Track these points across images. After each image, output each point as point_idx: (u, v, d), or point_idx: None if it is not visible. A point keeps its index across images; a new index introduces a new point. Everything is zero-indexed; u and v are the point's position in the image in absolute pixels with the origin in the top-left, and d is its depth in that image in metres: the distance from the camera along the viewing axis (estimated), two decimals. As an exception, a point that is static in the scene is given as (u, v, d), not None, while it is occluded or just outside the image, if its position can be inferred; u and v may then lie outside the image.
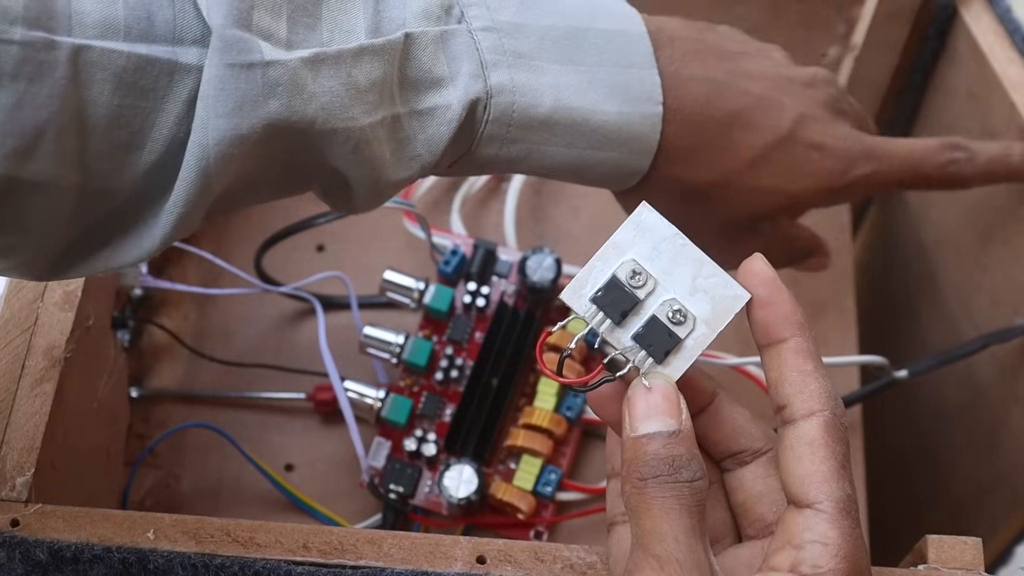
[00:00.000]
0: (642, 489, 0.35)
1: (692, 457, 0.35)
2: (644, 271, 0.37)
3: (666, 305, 0.37)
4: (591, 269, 0.37)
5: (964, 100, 0.60)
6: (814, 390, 0.36)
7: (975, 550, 0.42)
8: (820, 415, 0.36)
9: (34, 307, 0.47)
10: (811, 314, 0.64)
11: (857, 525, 0.35)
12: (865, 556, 0.35)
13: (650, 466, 0.35)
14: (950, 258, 0.65)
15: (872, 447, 0.61)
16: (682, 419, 0.36)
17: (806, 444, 0.36)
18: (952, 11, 0.60)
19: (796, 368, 0.36)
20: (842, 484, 0.35)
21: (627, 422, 0.36)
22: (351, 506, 0.57)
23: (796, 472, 0.36)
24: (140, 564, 0.40)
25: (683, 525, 0.34)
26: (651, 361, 0.37)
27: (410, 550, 0.41)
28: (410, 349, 0.57)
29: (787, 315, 0.37)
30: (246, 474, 0.57)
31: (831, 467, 0.35)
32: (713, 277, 0.37)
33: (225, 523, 0.41)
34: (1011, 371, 0.60)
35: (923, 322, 0.69)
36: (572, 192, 0.68)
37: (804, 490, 0.35)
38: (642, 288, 0.37)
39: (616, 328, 0.37)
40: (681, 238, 0.37)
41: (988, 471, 0.64)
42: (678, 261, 0.37)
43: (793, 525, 0.35)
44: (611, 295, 0.37)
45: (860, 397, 0.59)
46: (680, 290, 0.37)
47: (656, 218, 0.37)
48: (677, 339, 0.37)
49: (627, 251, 0.37)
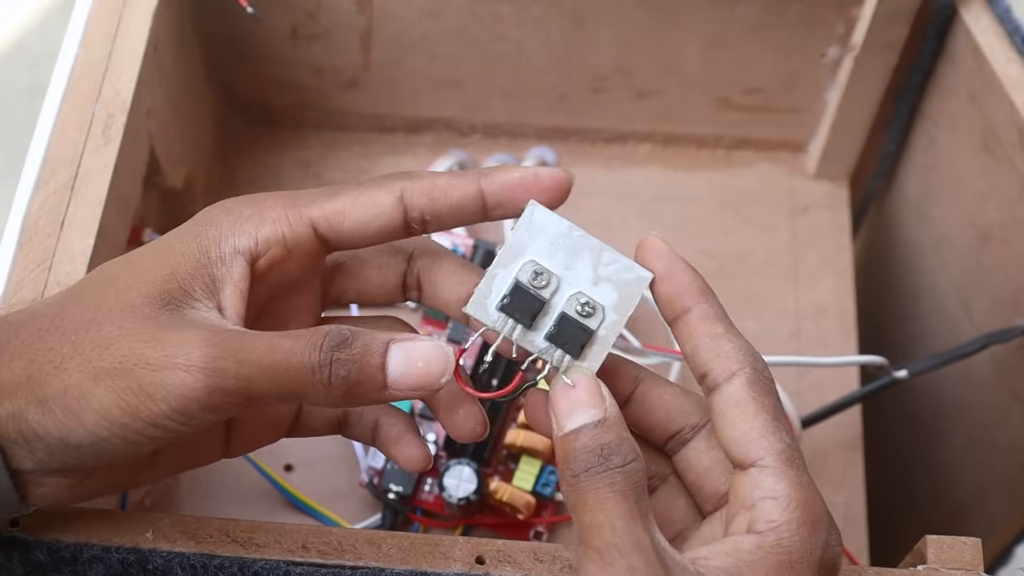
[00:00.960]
0: (576, 485, 0.35)
1: (621, 441, 0.35)
2: (545, 270, 0.37)
3: (573, 300, 0.37)
4: (492, 277, 0.37)
5: (964, 100, 0.60)
6: (729, 351, 0.36)
7: (974, 550, 0.42)
8: (741, 374, 0.36)
9: (33, 307, 0.47)
10: (811, 314, 0.64)
11: (803, 472, 0.36)
12: (818, 500, 0.36)
13: (580, 460, 0.35)
14: (950, 258, 0.65)
15: (872, 447, 0.61)
16: (606, 406, 0.36)
17: (734, 405, 0.36)
18: (952, 11, 0.60)
19: (707, 334, 0.37)
20: (779, 435, 0.36)
21: (553, 423, 0.36)
22: (350, 506, 0.57)
23: (732, 435, 0.36)
24: (139, 564, 0.40)
25: (619, 511, 0.34)
26: (568, 358, 0.37)
27: (409, 550, 0.41)
28: (410, 349, 0.57)
29: (688, 284, 0.37)
30: (245, 474, 0.57)
31: (764, 421, 0.36)
32: (614, 263, 0.37)
33: (224, 523, 0.41)
34: (1011, 371, 0.60)
35: (923, 322, 0.69)
36: (573, 191, 0.67)
37: (744, 451, 0.36)
38: (547, 288, 0.37)
39: (529, 332, 0.37)
40: (576, 230, 0.37)
41: (988, 471, 0.64)
42: (577, 254, 0.37)
43: (742, 488, 0.36)
44: (517, 300, 0.37)
45: (860, 397, 0.59)
46: (584, 282, 0.37)
47: (547, 215, 0.37)
48: (590, 331, 0.37)
49: (524, 253, 0.37)
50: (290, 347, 0.35)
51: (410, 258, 0.41)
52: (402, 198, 0.38)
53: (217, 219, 0.38)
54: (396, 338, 0.36)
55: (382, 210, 0.38)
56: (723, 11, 0.61)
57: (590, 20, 0.62)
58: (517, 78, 0.65)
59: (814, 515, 0.35)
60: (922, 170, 0.67)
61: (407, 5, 0.61)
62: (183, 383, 0.34)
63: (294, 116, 0.68)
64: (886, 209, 0.72)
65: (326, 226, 0.38)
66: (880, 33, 0.60)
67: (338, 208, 0.38)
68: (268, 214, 0.38)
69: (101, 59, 0.53)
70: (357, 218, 0.38)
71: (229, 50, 0.64)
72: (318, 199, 0.38)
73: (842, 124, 0.65)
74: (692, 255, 0.65)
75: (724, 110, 0.67)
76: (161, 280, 0.37)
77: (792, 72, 0.64)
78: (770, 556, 0.34)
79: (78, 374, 0.35)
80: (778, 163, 0.69)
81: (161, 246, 0.38)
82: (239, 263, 0.37)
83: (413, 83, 0.66)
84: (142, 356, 0.35)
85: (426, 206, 0.38)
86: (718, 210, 0.67)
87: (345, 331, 0.36)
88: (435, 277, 0.41)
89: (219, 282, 0.37)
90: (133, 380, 0.35)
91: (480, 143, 0.69)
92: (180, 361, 0.34)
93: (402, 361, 0.36)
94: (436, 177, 0.38)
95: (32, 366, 0.36)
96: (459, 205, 0.38)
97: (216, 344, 0.35)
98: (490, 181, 0.38)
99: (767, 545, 0.34)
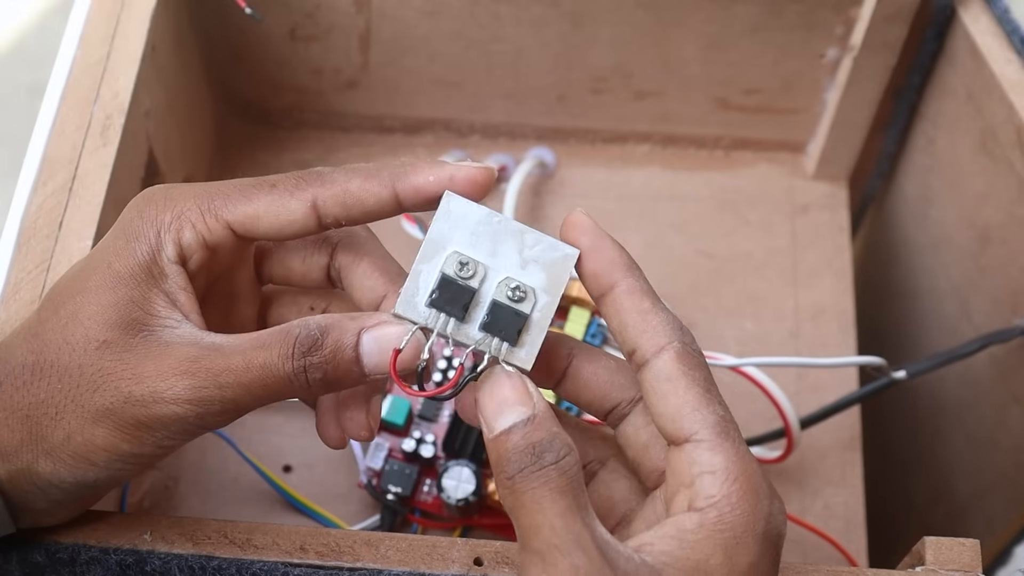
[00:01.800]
0: (511, 487, 0.34)
1: (553, 437, 0.35)
2: (471, 259, 0.36)
3: (503, 286, 0.36)
4: (417, 274, 0.37)
5: (962, 101, 0.60)
6: (656, 325, 0.36)
7: (973, 552, 0.42)
8: (669, 348, 0.36)
9: (32, 309, 0.47)
10: (810, 315, 0.64)
11: (740, 443, 0.35)
12: (756, 471, 0.35)
13: (513, 462, 0.34)
14: (950, 258, 0.65)
15: (872, 447, 0.61)
16: (534, 403, 0.35)
17: (665, 380, 0.35)
18: (950, 12, 0.60)
19: (634, 309, 0.36)
20: (712, 407, 0.35)
21: (484, 426, 0.36)
22: (349, 507, 0.57)
23: (665, 411, 0.35)
24: (137, 566, 0.40)
25: (557, 509, 0.34)
26: (507, 345, 0.36)
27: (407, 552, 0.41)
28: (408, 350, 0.57)
29: (613, 260, 0.37)
30: (244, 475, 0.57)
31: (696, 395, 0.35)
32: (538, 244, 0.37)
33: (222, 524, 0.41)
34: (1011, 371, 0.60)
35: (922, 322, 0.69)
36: (571, 192, 0.68)
37: (678, 426, 0.35)
38: (474, 277, 0.36)
39: (463, 324, 0.36)
40: (495, 216, 0.37)
41: (988, 471, 0.64)
42: (499, 239, 0.37)
43: (678, 464, 0.35)
44: (446, 293, 0.36)
45: (859, 397, 0.59)
46: (511, 267, 0.37)
47: (464, 204, 0.37)
48: (524, 316, 0.36)
49: (447, 245, 0.37)
50: (264, 361, 0.36)
51: (334, 251, 0.42)
52: (315, 206, 0.38)
53: (143, 231, 0.39)
54: (366, 325, 0.36)
55: (294, 218, 0.38)
56: (722, 12, 0.61)
57: (589, 21, 0.62)
58: (516, 79, 0.65)
59: (753, 485, 0.34)
60: (921, 170, 0.67)
61: (406, 6, 0.61)
62: (174, 414, 0.36)
63: (293, 117, 0.68)
64: (885, 209, 0.72)
65: (242, 228, 0.39)
66: (879, 34, 0.60)
67: (251, 213, 0.39)
68: (186, 217, 0.39)
69: (99, 60, 0.53)
70: (271, 224, 0.39)
71: (228, 51, 0.64)
72: (232, 199, 0.39)
73: (841, 125, 0.65)
74: (692, 255, 0.66)
75: (723, 110, 0.67)
76: (124, 308, 0.37)
77: (791, 73, 0.64)
78: (714, 533, 0.34)
79: (76, 420, 0.37)
80: (777, 163, 0.69)
81: (104, 271, 0.38)
82: (178, 272, 0.39)
83: (412, 84, 0.66)
84: (129, 395, 0.36)
85: (340, 213, 0.39)
86: (717, 210, 0.67)
87: (314, 330, 0.36)
88: (351, 279, 0.41)
89: (172, 295, 0.38)
90: (128, 416, 0.36)
91: (479, 144, 0.69)
92: (167, 397, 0.36)
93: (375, 350, 0.36)
94: (348, 182, 0.38)
95: (29, 421, 0.37)
96: (373, 210, 0.39)
97: (195, 373, 0.36)
98: (405, 184, 0.38)
99: (709, 522, 0.34)
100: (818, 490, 0.59)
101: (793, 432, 0.55)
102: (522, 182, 0.64)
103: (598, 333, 0.57)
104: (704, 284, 0.65)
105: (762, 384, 0.54)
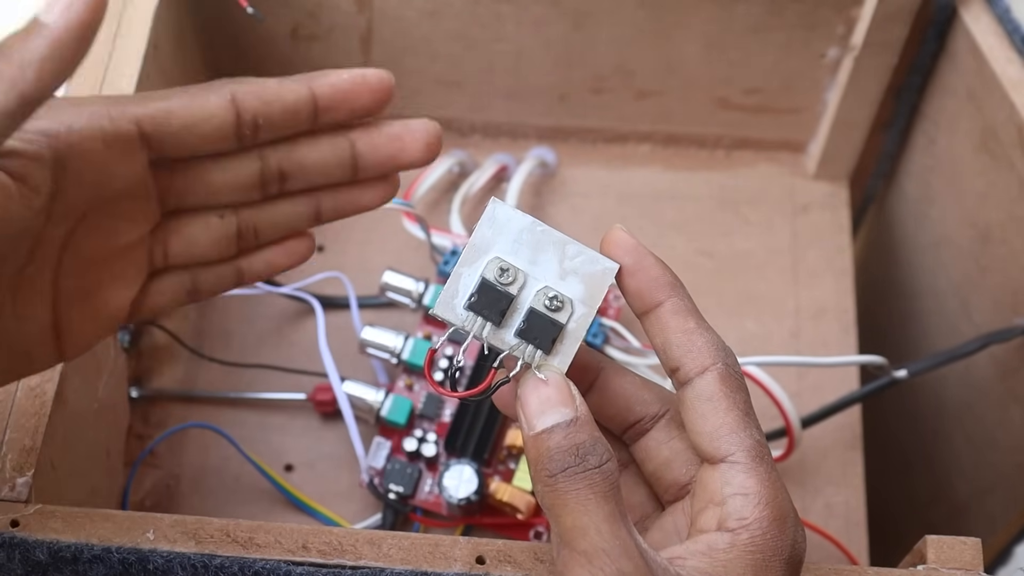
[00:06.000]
0: (553, 486, 0.34)
1: (595, 441, 0.35)
2: (511, 266, 0.37)
3: (541, 294, 0.37)
4: (458, 277, 0.37)
5: (963, 100, 0.60)
6: (701, 346, 0.36)
7: (974, 550, 0.42)
8: (713, 369, 0.36)
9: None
10: (811, 314, 0.64)
11: (772, 469, 0.35)
12: (786, 497, 0.35)
13: (556, 460, 0.34)
14: (950, 258, 0.65)
15: (872, 447, 0.61)
16: (576, 405, 0.35)
17: (706, 400, 0.36)
18: (951, 11, 0.60)
19: (678, 328, 0.36)
20: (750, 431, 0.36)
21: (523, 422, 0.36)
22: (351, 506, 0.57)
23: (703, 430, 0.36)
24: (140, 564, 0.40)
25: (602, 513, 0.34)
26: (540, 353, 0.36)
27: (409, 550, 0.41)
28: (410, 349, 0.57)
29: (657, 278, 0.37)
30: (246, 474, 0.57)
31: (736, 417, 0.35)
32: (579, 256, 0.37)
33: (224, 523, 0.41)
34: (1011, 371, 0.60)
35: (923, 322, 0.69)
36: (572, 191, 0.68)
37: (715, 446, 0.35)
38: (513, 284, 0.37)
39: (498, 329, 0.37)
40: (539, 225, 0.37)
41: (988, 471, 0.64)
42: (541, 248, 0.37)
43: (711, 482, 0.35)
44: (485, 298, 0.36)
45: (860, 397, 0.59)
46: (550, 276, 0.37)
47: (509, 211, 0.37)
48: (560, 325, 0.36)
49: (489, 250, 0.37)
50: None
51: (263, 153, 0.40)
52: (234, 100, 0.38)
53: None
54: None
55: (213, 112, 0.37)
56: (723, 11, 0.61)
57: (590, 20, 0.62)
58: (517, 78, 0.65)
59: (783, 512, 0.35)
60: (922, 170, 0.67)
61: (407, 5, 0.61)
62: None
63: (294, 116, 0.68)
64: (886, 209, 0.72)
65: (152, 125, 0.37)
66: (880, 33, 0.60)
67: (165, 108, 0.37)
68: (86, 107, 0.37)
69: (102, 59, 0.53)
70: (185, 119, 0.37)
71: (229, 50, 0.64)
72: (145, 100, 0.37)
73: (842, 124, 0.65)
74: (692, 255, 0.66)
75: (724, 110, 0.67)
76: None
77: (792, 72, 0.64)
78: (744, 555, 0.34)
79: None
80: (778, 163, 0.69)
81: None
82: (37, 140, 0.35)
83: (413, 83, 0.66)
84: None
85: (259, 109, 0.38)
86: (718, 210, 0.67)
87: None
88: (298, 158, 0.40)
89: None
90: None
91: (480, 143, 0.69)
92: None
93: None
94: (266, 80, 0.39)
95: None
96: (292, 108, 0.38)
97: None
98: (321, 83, 0.39)
99: (740, 543, 0.34)
100: (819, 489, 0.59)
101: (794, 431, 0.55)
102: (523, 182, 0.64)
103: (599, 333, 0.58)
104: (705, 284, 0.65)
105: (763, 383, 0.54)
